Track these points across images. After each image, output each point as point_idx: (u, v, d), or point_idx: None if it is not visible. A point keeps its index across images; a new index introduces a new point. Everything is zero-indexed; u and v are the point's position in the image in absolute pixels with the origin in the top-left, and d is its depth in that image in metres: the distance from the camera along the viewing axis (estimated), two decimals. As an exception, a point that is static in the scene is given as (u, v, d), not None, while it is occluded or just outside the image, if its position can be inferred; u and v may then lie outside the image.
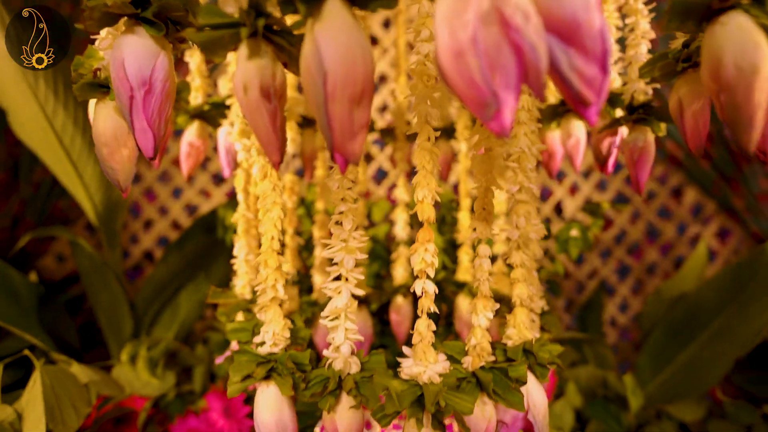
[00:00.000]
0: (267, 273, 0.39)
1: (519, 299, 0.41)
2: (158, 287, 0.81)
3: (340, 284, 0.37)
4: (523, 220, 0.40)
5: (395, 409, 0.35)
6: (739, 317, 0.75)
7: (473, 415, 0.38)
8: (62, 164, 0.75)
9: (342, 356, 0.37)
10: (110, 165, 0.35)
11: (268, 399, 0.39)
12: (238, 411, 0.70)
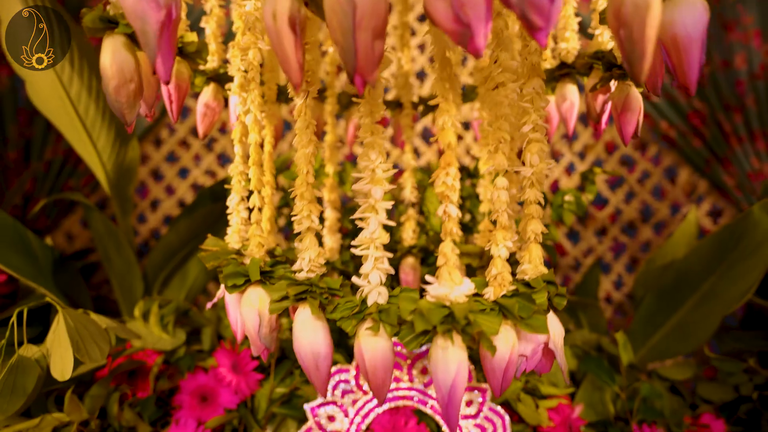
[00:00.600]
0: (302, 204, 0.42)
1: (533, 234, 0.43)
2: (168, 253, 0.84)
3: (369, 215, 0.39)
4: (537, 157, 0.42)
5: (424, 326, 0.36)
6: (725, 280, 0.78)
7: (498, 342, 0.40)
8: (77, 132, 0.78)
9: (371, 284, 0.39)
10: (116, 99, 0.38)
11: (304, 322, 0.41)
12: (245, 366, 0.73)
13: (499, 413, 0.68)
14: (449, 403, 0.37)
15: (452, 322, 0.36)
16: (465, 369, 0.38)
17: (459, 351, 0.37)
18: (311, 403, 0.68)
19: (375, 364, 0.39)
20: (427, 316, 0.36)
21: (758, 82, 1.17)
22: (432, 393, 0.69)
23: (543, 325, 0.39)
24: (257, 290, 0.45)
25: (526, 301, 0.39)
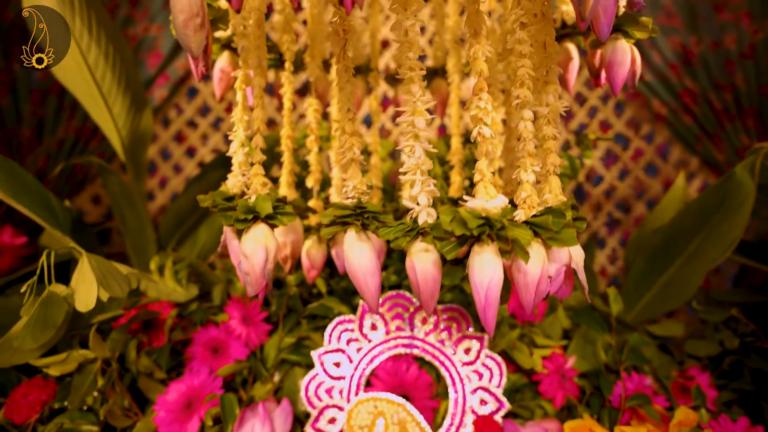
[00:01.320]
0: (345, 138, 0.46)
1: (552, 167, 0.47)
2: (180, 217, 0.88)
3: (413, 143, 0.43)
4: (552, 97, 0.47)
5: (462, 231, 0.40)
6: (710, 238, 0.82)
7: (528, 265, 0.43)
8: (93, 99, 0.82)
9: (420, 206, 0.43)
10: (184, 32, 0.42)
11: (352, 244, 0.45)
12: (255, 317, 0.77)
13: (496, 360, 0.72)
14: (486, 305, 0.41)
15: (488, 227, 0.40)
16: (500, 272, 0.41)
17: (494, 256, 0.41)
18: (318, 351, 0.72)
19: (426, 278, 0.43)
20: (467, 222, 0.40)
21: (747, 61, 1.21)
22: (432, 341, 0.73)
23: (572, 238, 0.42)
24: (262, 227, 0.49)
25: (556, 217, 0.42)
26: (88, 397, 0.64)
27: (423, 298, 0.44)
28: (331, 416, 0.69)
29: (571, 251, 0.46)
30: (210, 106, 1.35)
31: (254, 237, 0.48)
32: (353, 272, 0.45)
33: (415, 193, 0.44)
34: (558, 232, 0.42)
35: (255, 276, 0.48)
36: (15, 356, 0.56)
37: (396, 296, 0.74)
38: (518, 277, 0.43)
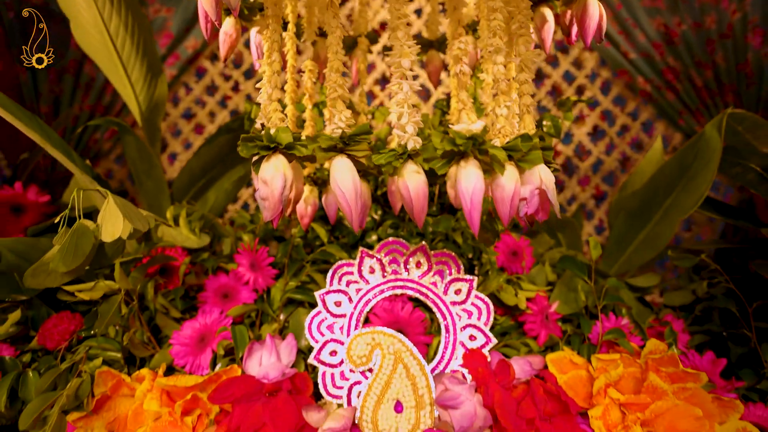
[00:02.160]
0: (334, 76, 0.52)
1: (526, 107, 0.54)
2: (192, 178, 0.94)
3: (401, 81, 0.49)
4: (523, 47, 0.53)
5: (451, 147, 0.47)
6: (684, 192, 0.88)
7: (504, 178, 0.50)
8: (113, 65, 0.88)
9: (408, 134, 0.50)
10: None
11: (343, 168, 0.51)
12: (262, 262, 0.83)
13: (484, 300, 0.78)
14: (472, 208, 0.48)
15: (472, 143, 0.47)
16: (482, 181, 0.48)
17: (476, 169, 0.48)
18: (320, 291, 0.78)
19: (418, 194, 0.50)
20: (455, 140, 0.47)
21: (727, 41, 1.27)
22: (425, 283, 0.79)
23: (539, 158, 0.49)
24: (281, 156, 0.55)
25: (525, 141, 0.49)
26: (112, 326, 0.70)
27: (416, 211, 0.50)
28: (332, 349, 0.75)
29: (542, 176, 0.52)
30: (217, 85, 1.42)
31: (274, 165, 0.54)
32: (340, 194, 0.51)
33: (403, 122, 0.50)
34: (527, 153, 0.49)
35: (273, 200, 0.54)
36: (48, 279, 0.62)
37: (392, 242, 0.80)
38: (496, 193, 0.50)
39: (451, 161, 0.49)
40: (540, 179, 0.52)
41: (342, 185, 0.50)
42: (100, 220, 0.65)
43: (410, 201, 0.50)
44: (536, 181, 0.52)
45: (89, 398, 0.66)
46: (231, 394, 0.67)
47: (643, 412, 0.63)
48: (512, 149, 0.49)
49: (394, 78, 0.51)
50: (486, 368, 0.71)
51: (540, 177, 0.52)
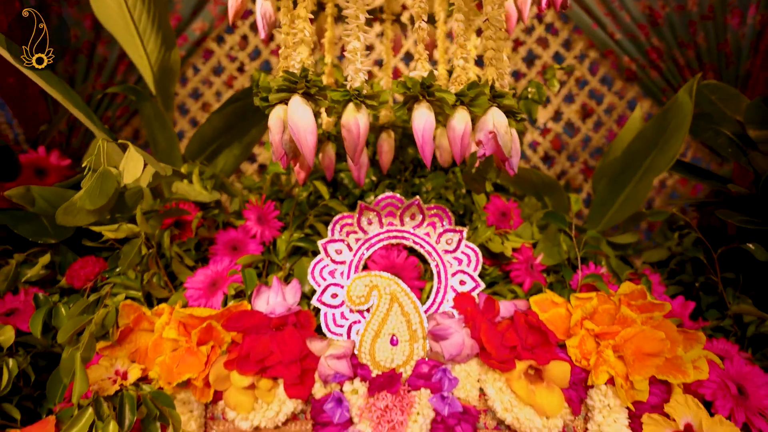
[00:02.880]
0: (300, 21, 0.59)
1: (489, 60, 0.61)
2: (203, 143, 1.00)
3: (356, 30, 0.57)
4: (490, 7, 0.60)
5: (404, 91, 0.54)
6: (660, 154, 0.94)
7: (455, 120, 0.57)
8: (131, 36, 0.94)
9: (358, 78, 0.57)
10: None
11: (298, 108, 0.58)
12: (268, 215, 0.90)
13: (473, 248, 0.84)
14: (424, 142, 0.55)
15: (422, 87, 0.54)
16: (432, 119, 0.55)
17: (427, 110, 0.56)
18: (323, 240, 0.85)
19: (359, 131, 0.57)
20: (407, 84, 0.54)
21: (708, 22, 1.34)
22: (419, 233, 0.86)
23: (484, 103, 0.57)
24: (282, 106, 0.62)
25: (472, 88, 0.56)
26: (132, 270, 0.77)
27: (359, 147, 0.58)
28: (333, 292, 0.82)
29: (495, 121, 0.59)
30: (223, 66, 1.48)
31: (276, 114, 0.61)
32: (296, 130, 0.57)
33: (353, 69, 0.57)
34: (475, 98, 0.56)
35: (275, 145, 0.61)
36: (77, 218, 0.69)
37: (389, 197, 0.87)
38: (449, 134, 0.58)
39: (406, 105, 0.57)
40: (493, 124, 0.59)
41: (300, 124, 0.57)
42: (122, 165, 0.72)
43: (357, 137, 0.57)
44: (489, 126, 0.59)
45: (114, 329, 0.72)
46: (242, 324, 0.73)
47: (614, 339, 0.70)
48: (461, 94, 0.56)
49: (349, 29, 0.57)
50: (474, 308, 0.78)
51: (493, 122, 0.59)
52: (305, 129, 0.57)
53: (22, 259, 0.79)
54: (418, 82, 0.54)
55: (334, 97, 0.57)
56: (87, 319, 0.66)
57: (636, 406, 0.68)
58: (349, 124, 0.57)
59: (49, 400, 0.69)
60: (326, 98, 0.59)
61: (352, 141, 0.57)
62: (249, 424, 0.72)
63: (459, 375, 0.72)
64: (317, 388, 0.73)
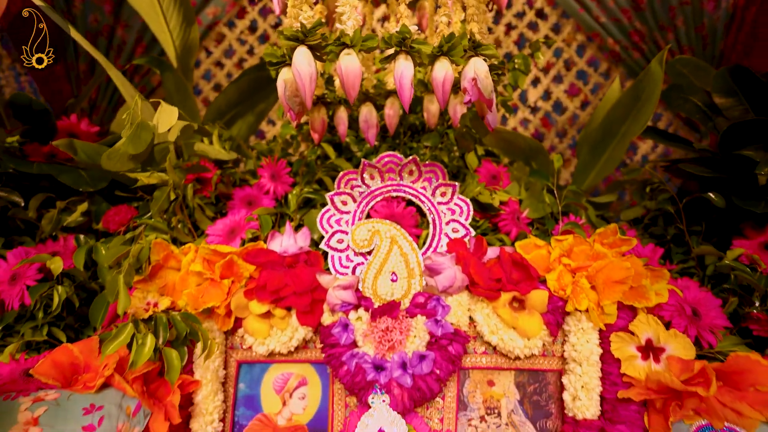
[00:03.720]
0: None
1: (470, 16, 0.71)
2: (220, 111, 1.10)
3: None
4: None
5: (384, 45, 0.64)
6: (635, 120, 1.04)
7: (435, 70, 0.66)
8: (155, 14, 1.04)
9: (349, 27, 0.66)
10: None
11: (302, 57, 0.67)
12: (281, 172, 0.99)
13: (465, 201, 0.94)
14: (401, 87, 0.65)
15: (399, 41, 0.64)
16: (411, 69, 0.65)
17: (405, 60, 0.65)
18: (330, 193, 0.94)
19: (348, 72, 0.66)
20: (387, 38, 0.63)
21: (686, 6, 1.44)
22: (417, 187, 0.95)
23: (459, 53, 0.66)
24: (287, 68, 0.71)
25: (449, 40, 0.66)
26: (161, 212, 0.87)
27: (347, 86, 0.67)
28: (339, 238, 0.91)
29: (476, 69, 0.68)
30: (234, 49, 1.58)
31: (282, 74, 0.70)
32: (299, 76, 0.65)
33: (346, 19, 0.67)
34: (452, 48, 0.66)
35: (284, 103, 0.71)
36: (118, 163, 0.78)
37: (389, 155, 0.96)
38: (433, 83, 0.67)
39: (389, 58, 0.67)
40: (474, 71, 0.68)
41: (303, 71, 0.66)
42: (155, 119, 0.82)
43: (343, 77, 0.66)
44: (471, 74, 0.68)
45: (146, 264, 0.82)
46: (259, 259, 0.83)
47: (587, 270, 0.79)
48: (440, 45, 0.66)
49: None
50: (465, 249, 0.87)
51: (474, 70, 0.68)
52: (307, 74, 0.66)
53: (63, 206, 0.89)
54: (396, 36, 0.64)
55: (332, 48, 0.67)
56: (126, 249, 0.76)
57: (606, 327, 0.77)
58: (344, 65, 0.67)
59: (92, 323, 0.78)
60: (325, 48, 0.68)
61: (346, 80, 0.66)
62: (265, 349, 0.81)
63: (451, 304, 0.81)
64: (326, 317, 0.82)
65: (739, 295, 0.81)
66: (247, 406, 0.84)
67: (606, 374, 0.76)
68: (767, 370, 0.62)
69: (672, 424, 0.68)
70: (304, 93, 0.66)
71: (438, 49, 0.67)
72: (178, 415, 0.75)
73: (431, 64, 0.68)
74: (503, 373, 0.82)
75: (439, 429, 0.80)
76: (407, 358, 0.77)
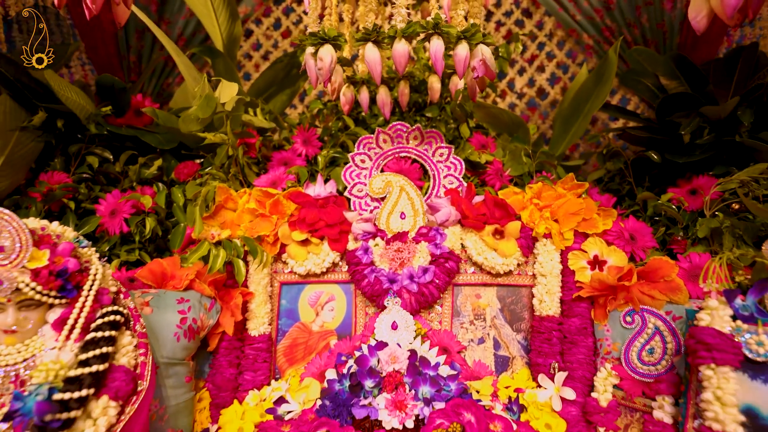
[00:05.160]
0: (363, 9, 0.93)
1: (474, 15, 0.95)
2: (259, 91, 1.33)
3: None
4: None
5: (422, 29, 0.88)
6: (596, 98, 1.28)
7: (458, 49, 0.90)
8: (208, 11, 1.28)
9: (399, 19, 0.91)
10: None
11: (328, 50, 0.91)
12: (311, 137, 1.23)
13: (459, 159, 1.17)
14: (435, 59, 0.88)
15: (433, 26, 0.87)
16: (441, 46, 0.88)
17: (438, 40, 0.88)
18: (352, 153, 1.18)
19: (398, 53, 0.89)
20: (423, 24, 0.87)
21: (650, 6, 1.68)
22: (420, 149, 1.19)
23: (478, 36, 0.89)
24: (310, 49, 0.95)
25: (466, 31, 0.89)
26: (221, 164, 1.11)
27: (398, 65, 0.90)
28: (359, 188, 1.15)
29: (483, 52, 0.92)
30: (261, 43, 1.82)
31: (326, 48, 0.94)
32: (369, 63, 0.90)
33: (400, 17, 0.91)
34: (472, 35, 0.89)
35: (325, 69, 0.95)
36: (190, 125, 1.03)
37: (398, 124, 1.20)
38: (455, 58, 0.90)
39: (425, 39, 0.90)
40: (482, 54, 0.92)
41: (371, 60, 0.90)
42: (218, 92, 1.06)
43: (400, 59, 0.90)
44: (480, 55, 0.92)
45: (211, 203, 1.06)
46: (299, 199, 1.07)
47: (551, 207, 1.03)
48: (462, 31, 0.90)
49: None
50: (458, 195, 1.12)
51: (482, 53, 0.92)
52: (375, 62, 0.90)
53: (143, 162, 1.13)
54: (432, 22, 0.88)
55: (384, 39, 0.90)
56: (198, 190, 1.00)
57: (565, 248, 1.01)
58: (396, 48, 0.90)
59: (171, 246, 1.02)
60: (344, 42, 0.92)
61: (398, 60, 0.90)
62: (304, 269, 1.05)
63: (447, 233, 1.05)
64: (350, 244, 1.06)
65: (667, 225, 1.05)
66: (288, 316, 1.08)
67: (564, 283, 1.00)
68: (673, 266, 0.86)
69: (609, 312, 0.92)
70: (326, 74, 0.90)
71: (462, 33, 0.90)
72: (240, 314, 0.99)
73: (455, 45, 0.91)
74: (488, 288, 1.06)
75: (439, 328, 1.04)
76: (414, 271, 1.01)
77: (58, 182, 1.05)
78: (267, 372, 1.02)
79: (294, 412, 0.92)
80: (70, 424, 0.60)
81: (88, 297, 0.70)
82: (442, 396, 0.86)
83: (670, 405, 0.75)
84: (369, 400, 0.86)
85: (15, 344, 0.66)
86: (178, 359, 0.88)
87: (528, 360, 1.03)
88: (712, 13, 0.73)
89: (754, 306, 0.67)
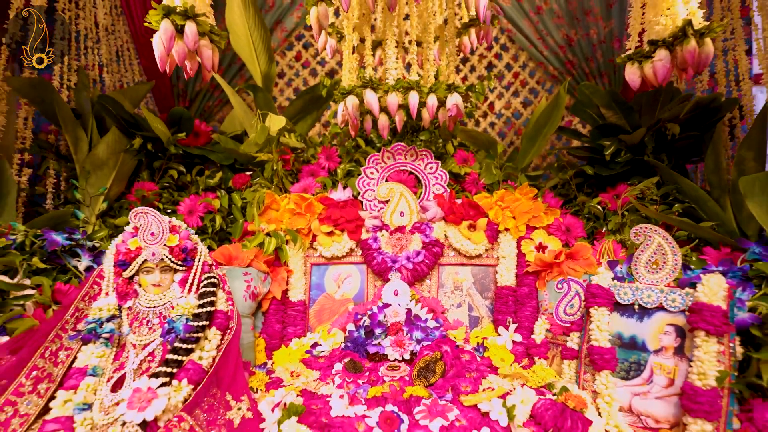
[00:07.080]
0: (348, 48, 1.32)
1: (450, 70, 1.34)
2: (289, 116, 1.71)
3: (395, 62, 1.30)
4: (451, 46, 1.34)
5: (406, 85, 1.27)
6: (552, 122, 1.66)
7: (429, 101, 1.29)
8: (251, 55, 1.65)
9: (392, 76, 1.29)
10: None
11: (352, 99, 1.31)
12: (333, 154, 1.62)
13: (444, 171, 1.56)
14: (411, 107, 1.27)
15: (415, 85, 1.27)
16: (417, 98, 1.28)
17: (416, 93, 1.27)
18: (363, 167, 1.57)
19: (391, 103, 1.29)
20: (406, 83, 1.26)
21: (603, 45, 2.06)
22: (418, 164, 1.58)
23: (442, 89, 1.29)
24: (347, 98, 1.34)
25: (435, 84, 1.29)
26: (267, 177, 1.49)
27: (391, 108, 1.29)
28: (370, 194, 1.54)
29: (455, 99, 1.31)
30: (284, 72, 2.21)
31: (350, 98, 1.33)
32: (369, 102, 1.29)
33: (391, 75, 1.30)
34: (436, 89, 1.28)
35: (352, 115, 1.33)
36: (250, 148, 1.41)
37: (399, 145, 1.57)
38: (428, 106, 1.29)
39: (406, 91, 1.29)
40: (454, 101, 1.31)
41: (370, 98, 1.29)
42: (267, 122, 1.45)
43: (389, 103, 1.29)
44: (453, 101, 1.31)
45: (261, 205, 1.45)
46: (326, 202, 1.46)
47: (510, 207, 1.42)
48: (431, 87, 1.28)
49: (390, 60, 1.30)
50: (443, 199, 1.51)
51: (455, 99, 1.31)
52: (374, 102, 1.29)
53: (208, 174, 1.51)
54: (412, 81, 1.26)
55: (384, 90, 1.29)
56: (252, 195, 1.39)
57: (520, 238, 1.40)
58: (389, 98, 1.29)
59: (233, 236, 1.41)
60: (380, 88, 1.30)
61: (390, 104, 1.29)
62: (329, 253, 1.44)
63: (434, 227, 1.44)
64: (364, 235, 1.45)
65: (594, 221, 1.44)
66: (317, 288, 1.47)
67: (518, 262, 1.39)
68: (589, 248, 1.25)
69: (547, 282, 1.30)
70: (374, 109, 1.29)
71: (429, 89, 1.29)
72: (285, 284, 1.38)
73: (426, 96, 1.30)
74: (464, 267, 1.45)
75: (428, 296, 1.43)
76: (410, 253, 1.40)
77: (150, 189, 1.43)
78: (304, 327, 1.41)
79: (325, 351, 1.31)
80: (198, 340, 0.99)
81: (198, 266, 1.09)
82: (429, 339, 1.25)
83: (577, 338, 1.13)
84: (379, 341, 1.25)
85: (158, 294, 1.05)
86: (246, 314, 1.26)
87: (492, 319, 1.42)
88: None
89: (625, 272, 1.05)
